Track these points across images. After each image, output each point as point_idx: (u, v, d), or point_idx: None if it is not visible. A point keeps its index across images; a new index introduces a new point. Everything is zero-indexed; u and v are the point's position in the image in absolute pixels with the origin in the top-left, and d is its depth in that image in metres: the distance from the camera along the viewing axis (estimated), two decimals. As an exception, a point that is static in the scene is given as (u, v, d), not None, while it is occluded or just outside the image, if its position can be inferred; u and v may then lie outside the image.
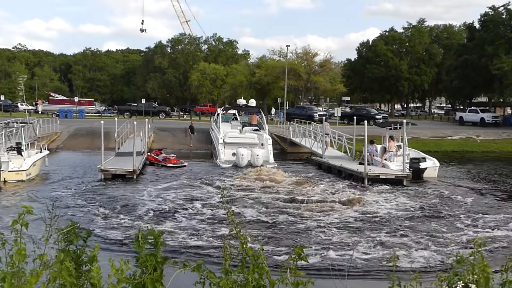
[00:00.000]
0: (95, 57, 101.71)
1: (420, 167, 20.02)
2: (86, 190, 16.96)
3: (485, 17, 53.24)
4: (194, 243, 10.55)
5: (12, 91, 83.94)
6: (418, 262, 9.34)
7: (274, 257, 8.99)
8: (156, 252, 2.33)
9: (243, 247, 2.42)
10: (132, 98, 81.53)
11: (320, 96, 72.03)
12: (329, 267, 8.02)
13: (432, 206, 14.96)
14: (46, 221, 2.49)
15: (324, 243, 10.67)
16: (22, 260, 2.24)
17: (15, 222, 2.39)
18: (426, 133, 37.77)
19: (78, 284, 2.15)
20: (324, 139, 25.42)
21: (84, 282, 2.20)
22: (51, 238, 2.42)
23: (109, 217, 12.79)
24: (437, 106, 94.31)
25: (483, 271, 2.24)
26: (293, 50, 59.95)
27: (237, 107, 32.84)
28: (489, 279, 2.24)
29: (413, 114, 73.42)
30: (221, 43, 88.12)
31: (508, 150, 34.76)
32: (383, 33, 69.63)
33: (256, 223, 12.37)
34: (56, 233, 2.39)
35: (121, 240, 10.66)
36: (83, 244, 2.37)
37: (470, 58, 52.84)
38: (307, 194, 16.55)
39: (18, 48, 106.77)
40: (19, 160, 18.38)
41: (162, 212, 13.61)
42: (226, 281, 2.37)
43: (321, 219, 12.87)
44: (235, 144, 24.82)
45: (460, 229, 12.13)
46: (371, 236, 11.28)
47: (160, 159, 24.02)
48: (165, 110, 57.87)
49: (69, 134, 34.94)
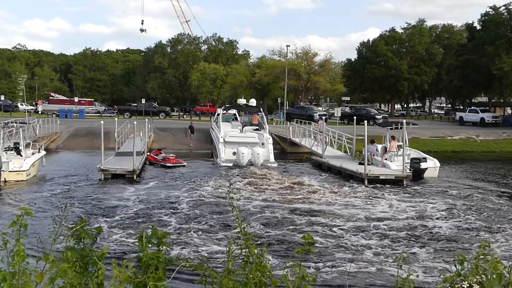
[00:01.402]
0: (95, 57, 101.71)
1: (420, 167, 20.00)
2: (86, 190, 16.96)
3: (485, 17, 53.25)
4: (194, 243, 10.55)
5: (12, 91, 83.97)
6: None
7: (275, 257, 8.98)
8: (159, 252, 2.31)
9: (247, 245, 2.41)
10: (132, 98, 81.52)
11: (320, 96, 71.98)
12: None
13: (433, 207, 14.95)
14: (56, 221, 2.48)
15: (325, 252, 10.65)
16: (21, 261, 2.23)
17: (14, 224, 2.37)
18: (426, 133, 37.77)
19: (82, 284, 2.14)
20: (320, 137, 25.56)
21: (89, 281, 2.19)
22: (58, 238, 2.41)
23: (109, 217, 12.77)
24: (437, 106, 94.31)
25: (495, 268, 2.23)
26: (293, 50, 60.05)
27: (238, 106, 32.82)
28: (502, 276, 2.22)
29: (413, 114, 73.43)
30: (221, 43, 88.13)
31: (508, 150, 34.76)
32: (383, 33, 69.67)
33: (256, 224, 12.36)
34: (66, 229, 2.38)
35: (121, 240, 10.64)
36: (92, 242, 2.35)
37: (470, 58, 52.85)
38: (308, 195, 16.53)
39: (18, 48, 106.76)
40: (19, 160, 18.39)
41: (162, 212, 13.59)
42: (227, 280, 2.36)
43: (322, 222, 12.86)
44: (236, 143, 24.82)
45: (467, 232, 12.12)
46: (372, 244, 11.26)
47: (160, 159, 24.02)
48: (165, 110, 57.86)
49: (69, 134, 34.93)
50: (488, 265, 2.31)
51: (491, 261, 2.29)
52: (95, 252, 2.29)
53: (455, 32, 69.27)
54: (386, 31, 69.71)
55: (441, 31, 70.29)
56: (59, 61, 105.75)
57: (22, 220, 2.36)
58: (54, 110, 50.60)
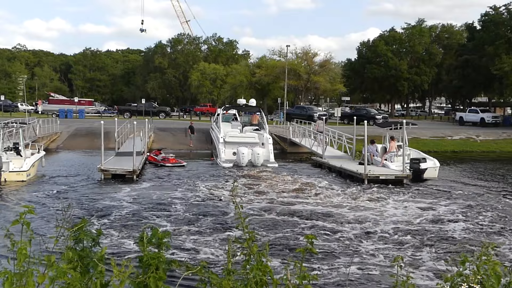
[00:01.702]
0: (95, 57, 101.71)
1: (420, 168, 19.97)
2: (86, 190, 16.95)
3: (485, 17, 53.24)
4: (194, 243, 10.54)
5: (12, 91, 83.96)
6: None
7: (273, 258, 8.98)
8: (160, 252, 2.31)
9: (248, 244, 2.40)
10: (132, 98, 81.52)
11: (320, 96, 72.02)
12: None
13: (434, 208, 14.95)
14: (58, 221, 2.47)
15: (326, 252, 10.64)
16: (23, 259, 2.22)
17: (16, 222, 2.37)
18: (426, 133, 37.75)
19: (82, 285, 2.14)
20: (319, 137, 25.62)
21: (89, 282, 2.19)
22: (61, 238, 2.41)
23: (109, 217, 12.77)
24: (437, 106, 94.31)
25: (494, 269, 2.23)
26: (293, 50, 60.08)
27: (237, 107, 32.82)
28: (500, 277, 2.22)
29: (413, 114, 73.43)
30: (221, 43, 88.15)
31: (508, 150, 34.75)
32: (383, 33, 69.68)
33: (255, 225, 12.36)
34: (68, 229, 2.38)
35: (121, 240, 10.63)
36: (92, 244, 2.35)
37: (470, 58, 52.83)
38: (307, 195, 16.52)
39: (18, 48, 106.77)
40: (19, 161, 18.39)
41: (161, 212, 13.59)
42: (227, 281, 2.35)
43: (322, 222, 12.86)
44: (236, 143, 24.82)
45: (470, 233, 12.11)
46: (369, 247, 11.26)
47: (159, 159, 24.04)
48: (165, 110, 57.84)
49: (69, 134, 34.92)
50: (488, 266, 2.30)
51: (490, 263, 2.29)
52: (96, 253, 2.29)
53: (455, 32, 69.30)
54: (386, 31, 69.80)
55: (441, 31, 70.32)
56: (59, 61, 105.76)
57: (24, 219, 2.36)
58: (54, 110, 50.59)
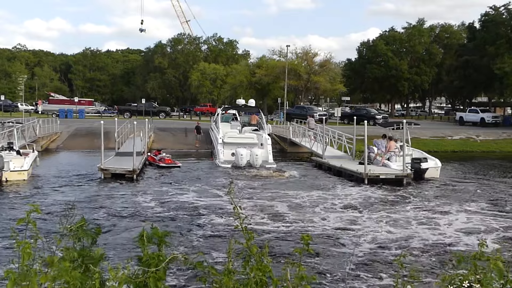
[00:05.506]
0: (95, 57, 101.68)
1: (421, 167, 19.96)
2: (86, 189, 16.98)
3: (485, 17, 53.23)
4: (194, 243, 10.56)
5: (12, 91, 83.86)
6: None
7: (275, 258, 8.99)
8: (160, 251, 2.32)
9: (248, 244, 2.40)
10: (132, 98, 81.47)
11: (320, 96, 72.01)
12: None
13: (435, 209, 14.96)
14: (62, 221, 2.48)
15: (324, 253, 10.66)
16: (27, 258, 2.23)
17: (21, 221, 2.38)
18: (426, 133, 37.75)
19: (83, 284, 2.14)
20: (309, 134, 25.80)
21: (89, 282, 2.19)
22: (63, 239, 2.41)
23: (108, 217, 12.78)
24: (437, 106, 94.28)
25: (496, 265, 2.23)
26: (293, 50, 60.03)
27: (237, 107, 32.81)
28: (503, 272, 2.23)
29: (413, 114, 73.39)
30: (221, 43, 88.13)
31: (508, 150, 34.76)
32: (383, 33, 69.66)
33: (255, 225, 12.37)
34: (67, 228, 2.38)
35: (121, 240, 10.64)
36: (91, 242, 2.35)
37: (470, 58, 52.82)
38: (307, 196, 16.53)
39: (18, 48, 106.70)
40: (19, 160, 18.40)
41: (161, 212, 13.60)
42: (228, 279, 2.35)
43: (321, 222, 12.87)
44: (234, 144, 24.77)
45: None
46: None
47: (158, 159, 24.13)
48: (165, 110, 57.84)
49: (69, 134, 34.94)
50: (486, 264, 2.31)
51: (492, 259, 2.29)
52: (95, 253, 2.29)
53: (455, 32, 69.27)
54: (386, 31, 69.80)
55: (440, 30, 70.29)
56: (59, 61, 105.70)
57: (29, 217, 2.37)
58: (54, 110, 50.55)
